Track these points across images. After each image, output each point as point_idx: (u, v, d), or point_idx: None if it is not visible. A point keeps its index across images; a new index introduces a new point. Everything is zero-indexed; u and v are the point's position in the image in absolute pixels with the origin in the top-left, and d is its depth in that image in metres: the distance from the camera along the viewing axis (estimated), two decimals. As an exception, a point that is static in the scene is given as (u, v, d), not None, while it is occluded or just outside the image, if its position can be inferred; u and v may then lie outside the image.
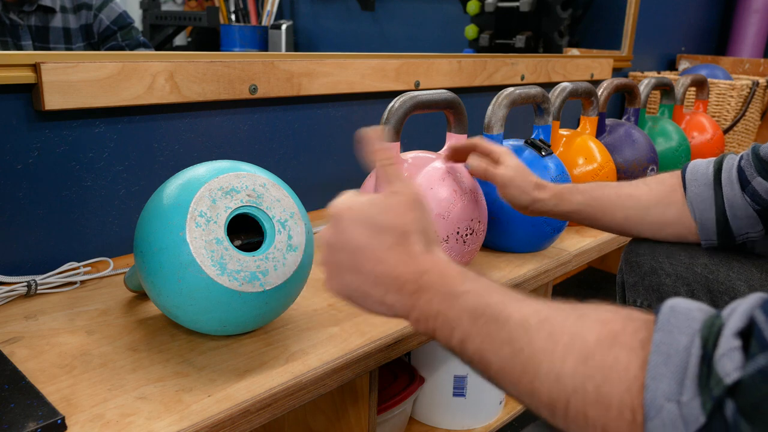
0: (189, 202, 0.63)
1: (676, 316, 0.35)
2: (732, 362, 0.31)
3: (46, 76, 0.79)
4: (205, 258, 0.62)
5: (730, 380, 0.31)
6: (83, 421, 0.56)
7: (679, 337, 0.34)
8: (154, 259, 0.63)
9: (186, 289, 0.62)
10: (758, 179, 0.72)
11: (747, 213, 0.74)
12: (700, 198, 0.76)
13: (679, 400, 0.32)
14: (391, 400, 0.96)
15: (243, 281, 0.63)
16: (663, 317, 0.35)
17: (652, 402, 0.33)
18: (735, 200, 0.74)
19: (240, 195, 0.65)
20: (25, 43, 1.47)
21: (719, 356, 0.32)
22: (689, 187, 0.77)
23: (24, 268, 0.85)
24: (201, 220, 0.62)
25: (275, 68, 1.03)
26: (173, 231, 0.62)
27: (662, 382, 0.33)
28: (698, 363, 0.32)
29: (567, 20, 1.98)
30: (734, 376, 0.31)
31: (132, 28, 1.63)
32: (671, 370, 0.33)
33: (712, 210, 0.75)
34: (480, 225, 0.90)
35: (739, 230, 0.75)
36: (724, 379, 0.31)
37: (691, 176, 0.78)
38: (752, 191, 0.73)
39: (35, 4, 1.47)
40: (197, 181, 0.65)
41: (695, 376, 0.32)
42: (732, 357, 0.31)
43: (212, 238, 0.62)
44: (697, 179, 0.77)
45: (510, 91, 1.00)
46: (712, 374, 0.32)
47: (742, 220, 0.74)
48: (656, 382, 0.33)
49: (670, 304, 0.36)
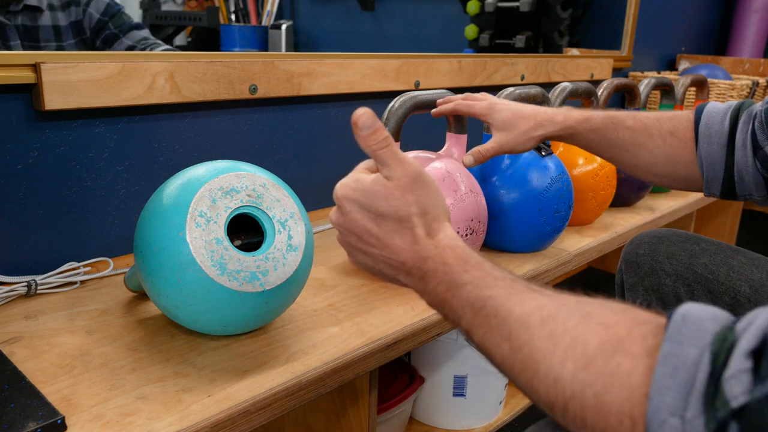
0: (189, 202, 0.63)
1: (688, 325, 0.34)
2: (740, 385, 0.30)
3: (46, 76, 0.79)
4: (205, 258, 0.62)
5: (736, 404, 0.30)
6: (83, 421, 0.56)
7: (689, 350, 0.33)
8: (154, 259, 0.63)
9: (186, 289, 0.62)
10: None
11: (755, 179, 0.72)
12: (711, 157, 0.74)
13: (683, 416, 0.31)
14: (391, 400, 0.96)
15: (243, 281, 0.63)
16: (674, 326, 0.34)
17: (656, 415, 0.32)
18: (745, 165, 0.72)
19: (240, 195, 0.65)
20: (13, 43, 1.45)
21: (728, 377, 0.31)
22: (701, 144, 0.74)
23: (24, 268, 0.85)
24: (201, 220, 0.62)
25: (275, 68, 1.03)
26: (173, 231, 0.62)
27: (667, 396, 0.32)
28: (706, 380, 0.31)
29: (567, 20, 1.98)
30: (741, 399, 0.30)
31: (122, 13, 1.60)
32: (678, 384, 0.32)
33: (722, 170, 0.73)
34: (480, 225, 0.90)
35: (742, 191, 0.73)
36: (731, 402, 0.30)
37: (705, 131, 0.75)
38: (763, 157, 0.70)
39: (21, 4, 1.45)
40: (197, 181, 0.65)
41: (702, 394, 0.31)
42: (741, 380, 0.30)
43: (212, 238, 0.62)
44: (711, 136, 0.74)
45: (510, 91, 1.00)
46: (719, 394, 0.31)
47: (748, 183, 0.72)
48: (661, 395, 0.32)
49: (683, 311, 0.35)
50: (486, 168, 0.99)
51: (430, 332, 0.78)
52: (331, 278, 0.89)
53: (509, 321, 0.41)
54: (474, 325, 0.43)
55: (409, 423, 1.09)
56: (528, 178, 0.98)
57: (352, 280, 0.88)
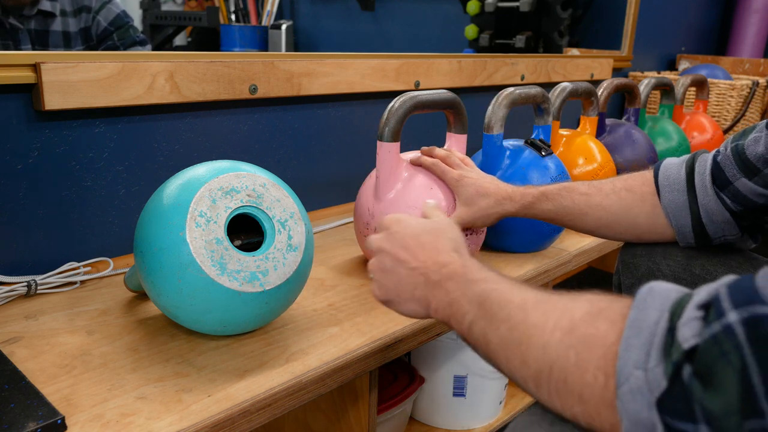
0: (189, 202, 0.63)
1: (653, 295, 0.38)
2: (691, 330, 0.34)
3: (46, 76, 0.79)
4: (205, 258, 0.62)
5: (687, 345, 0.34)
6: (83, 421, 0.56)
7: (651, 313, 0.37)
8: (154, 259, 0.63)
9: (186, 289, 0.62)
10: (743, 180, 0.72)
11: (723, 217, 0.74)
12: (675, 204, 0.76)
13: (646, 368, 0.35)
14: (391, 400, 0.95)
15: (243, 281, 0.63)
16: (640, 296, 0.39)
17: (622, 370, 0.36)
18: (710, 205, 0.74)
19: (240, 195, 0.65)
20: (24, 47, 1.46)
21: (681, 325, 0.35)
22: (663, 194, 0.77)
23: (24, 268, 0.85)
24: (201, 220, 0.62)
25: (275, 68, 1.03)
26: (173, 231, 0.62)
27: (632, 353, 0.36)
28: (664, 334, 0.35)
29: (567, 20, 1.98)
30: (691, 342, 0.34)
31: (129, 27, 1.62)
32: (641, 342, 0.36)
33: (688, 217, 0.76)
34: (480, 225, 0.90)
35: (715, 233, 0.76)
36: (683, 345, 0.34)
37: (665, 181, 0.77)
38: (734, 192, 0.73)
39: (35, 8, 1.46)
40: (197, 181, 0.65)
41: (660, 347, 0.35)
42: (691, 326, 0.34)
43: (212, 238, 0.62)
44: (670, 185, 0.77)
45: (510, 91, 1.00)
46: (673, 342, 0.35)
47: (718, 224, 0.75)
48: (627, 353, 0.36)
49: (650, 285, 0.39)
50: (486, 168, 0.99)
51: (430, 332, 0.78)
52: (331, 278, 0.89)
53: (509, 306, 0.46)
54: (478, 316, 0.48)
55: (409, 423, 1.08)
56: (528, 178, 0.98)
57: (352, 280, 0.88)
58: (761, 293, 0.32)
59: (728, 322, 0.32)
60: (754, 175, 0.71)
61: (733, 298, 0.33)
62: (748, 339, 0.31)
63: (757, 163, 0.71)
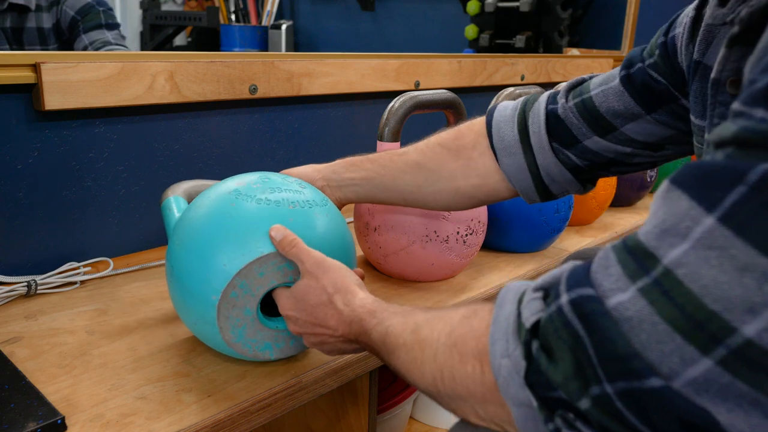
0: (233, 272, 0.59)
1: (507, 293, 0.42)
2: (529, 309, 0.38)
3: (46, 76, 0.79)
4: (226, 324, 0.61)
5: (528, 324, 0.38)
6: (83, 421, 0.56)
7: (506, 307, 0.41)
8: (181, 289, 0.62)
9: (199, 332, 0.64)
10: (595, 138, 0.67)
11: (564, 177, 0.70)
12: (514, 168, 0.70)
13: (509, 354, 0.39)
14: (391, 400, 0.96)
15: (256, 349, 0.63)
16: (500, 295, 0.43)
17: (494, 363, 0.40)
18: (550, 167, 0.69)
19: (291, 272, 0.61)
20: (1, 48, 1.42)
21: (523, 308, 0.39)
22: (500, 157, 0.71)
23: (24, 268, 0.85)
24: (239, 291, 0.60)
25: (275, 68, 1.03)
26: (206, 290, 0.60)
27: (497, 345, 0.40)
28: (515, 320, 0.39)
29: (567, 20, 1.98)
30: (532, 319, 0.38)
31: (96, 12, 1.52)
32: (501, 333, 0.40)
33: (530, 179, 0.70)
34: (480, 225, 0.90)
35: (558, 191, 0.72)
36: (525, 324, 0.38)
37: (500, 143, 0.71)
38: (582, 149, 0.68)
39: (6, 3, 1.41)
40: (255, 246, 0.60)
41: (514, 331, 0.39)
42: (530, 306, 0.39)
43: (243, 307, 0.61)
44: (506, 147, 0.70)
45: (510, 91, 1.00)
46: (521, 325, 0.39)
47: (560, 183, 0.71)
48: (494, 346, 0.40)
49: (507, 285, 0.44)
50: (486, 168, 0.99)
51: (430, 332, 0.78)
52: (331, 278, 0.89)
53: (404, 334, 0.49)
54: (386, 353, 0.51)
55: (409, 423, 1.08)
56: (528, 178, 0.98)
57: (352, 280, 0.88)
58: (591, 277, 0.36)
59: (560, 303, 0.36)
60: (607, 132, 0.66)
61: (568, 282, 0.37)
62: (577, 316, 0.35)
63: (613, 121, 0.65)
